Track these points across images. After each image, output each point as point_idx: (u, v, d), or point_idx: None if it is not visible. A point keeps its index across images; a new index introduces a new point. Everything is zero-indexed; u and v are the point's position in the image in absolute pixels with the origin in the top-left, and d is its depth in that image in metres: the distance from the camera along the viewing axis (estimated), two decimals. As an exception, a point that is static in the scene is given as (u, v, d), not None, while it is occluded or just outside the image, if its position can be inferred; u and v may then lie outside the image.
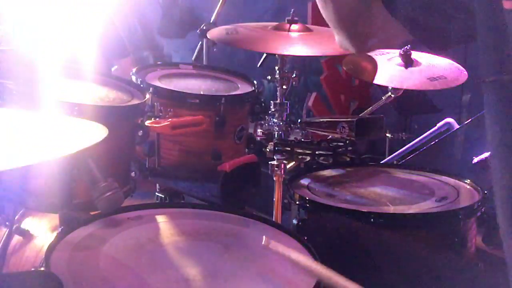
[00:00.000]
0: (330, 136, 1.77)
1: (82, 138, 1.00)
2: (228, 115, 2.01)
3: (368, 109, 2.29)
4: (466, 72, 2.04)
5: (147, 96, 1.73)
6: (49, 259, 1.11)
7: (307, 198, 1.65)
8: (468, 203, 1.62)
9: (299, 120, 1.91)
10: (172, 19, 4.61)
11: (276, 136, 1.83)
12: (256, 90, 2.16)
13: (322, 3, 0.98)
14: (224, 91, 2.14)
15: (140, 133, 1.66)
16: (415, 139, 2.71)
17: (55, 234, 1.24)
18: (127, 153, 1.69)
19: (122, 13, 3.19)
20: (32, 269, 1.14)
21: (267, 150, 1.75)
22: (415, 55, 2.08)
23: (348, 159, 1.74)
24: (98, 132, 1.01)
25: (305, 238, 1.32)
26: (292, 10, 1.82)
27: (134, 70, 2.11)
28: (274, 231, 1.37)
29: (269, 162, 1.76)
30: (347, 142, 1.71)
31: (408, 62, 2.05)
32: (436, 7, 0.89)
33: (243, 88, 2.19)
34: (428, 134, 2.67)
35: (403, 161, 2.64)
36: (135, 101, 1.70)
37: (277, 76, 1.85)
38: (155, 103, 1.77)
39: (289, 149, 1.72)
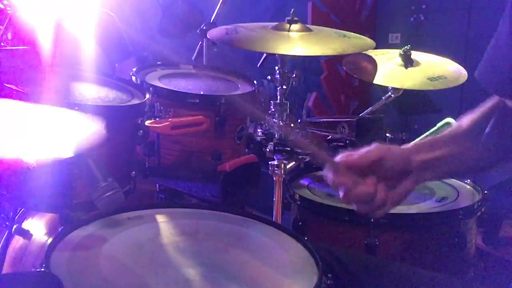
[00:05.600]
0: (330, 136, 1.77)
1: (82, 136, 1.00)
2: (228, 115, 2.01)
3: (368, 109, 2.29)
4: (466, 72, 2.04)
5: (147, 96, 1.73)
6: (49, 259, 1.11)
7: (307, 198, 1.65)
8: (468, 203, 1.62)
9: (299, 120, 1.91)
10: (172, 19, 4.61)
11: (276, 136, 1.83)
12: (256, 90, 2.16)
13: None
14: (224, 91, 2.14)
15: (140, 133, 1.66)
16: (415, 139, 2.71)
17: (55, 234, 1.23)
18: (127, 153, 1.69)
19: (122, 13, 3.18)
20: (32, 269, 1.13)
21: (267, 150, 1.75)
22: (415, 55, 2.08)
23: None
24: (97, 128, 1.01)
25: (305, 238, 1.32)
26: (292, 10, 1.82)
27: (134, 70, 2.11)
28: (274, 231, 1.37)
29: (269, 162, 1.76)
30: (347, 142, 1.71)
31: (408, 62, 2.05)
32: None
33: (243, 88, 2.19)
34: (428, 134, 2.66)
35: (403, 161, 2.63)
36: (135, 101, 1.70)
37: (277, 76, 1.85)
38: (155, 103, 1.77)
39: (289, 149, 1.72)
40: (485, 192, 1.69)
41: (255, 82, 2.22)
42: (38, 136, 0.99)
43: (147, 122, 1.68)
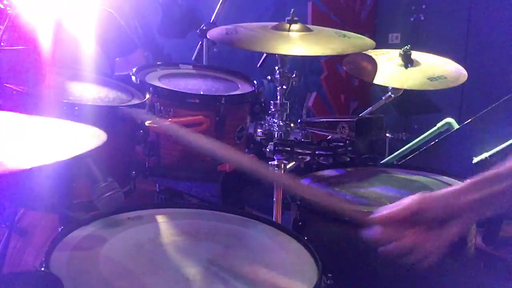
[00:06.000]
0: (330, 136, 1.77)
1: (81, 142, 1.00)
2: (228, 115, 2.01)
3: (368, 109, 2.29)
4: (466, 72, 2.04)
5: (147, 96, 1.73)
6: (49, 259, 1.11)
7: (307, 198, 1.64)
8: (468, 203, 1.62)
9: (299, 120, 1.91)
10: (172, 19, 4.61)
11: (276, 136, 1.83)
12: (256, 90, 2.16)
13: None
14: (224, 91, 2.14)
15: (140, 133, 1.66)
16: (415, 139, 2.71)
17: (55, 234, 1.24)
18: (127, 153, 1.69)
19: (122, 13, 3.18)
20: (32, 269, 1.13)
21: (267, 150, 1.75)
22: (415, 55, 2.08)
23: (348, 159, 1.74)
24: (97, 136, 1.01)
25: (305, 238, 1.32)
26: (292, 10, 1.82)
27: (134, 70, 2.11)
28: (274, 231, 1.37)
29: (269, 162, 1.76)
30: (347, 142, 1.71)
31: (408, 62, 2.05)
32: None
33: (243, 88, 2.19)
34: (428, 134, 2.67)
35: (403, 161, 2.64)
36: (135, 101, 1.71)
37: (277, 76, 1.85)
38: (155, 103, 1.77)
39: (289, 149, 1.72)
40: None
41: (255, 82, 2.22)
42: (38, 137, 0.99)
43: (147, 122, 1.68)
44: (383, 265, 1.42)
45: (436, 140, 2.57)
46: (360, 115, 2.25)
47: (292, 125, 1.86)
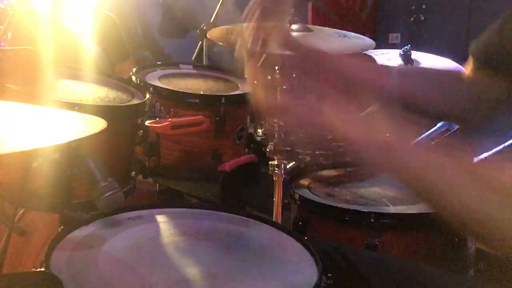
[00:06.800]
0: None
1: (81, 130, 1.00)
2: (228, 115, 2.01)
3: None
4: (466, 72, 2.04)
5: (147, 96, 1.73)
6: (49, 259, 1.11)
7: (307, 198, 1.65)
8: (468, 203, 1.62)
9: (299, 120, 1.90)
10: (172, 19, 4.61)
11: (276, 136, 1.83)
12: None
13: None
14: (224, 91, 2.14)
15: (140, 133, 1.66)
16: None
17: (55, 234, 1.23)
18: (127, 153, 1.69)
19: (122, 13, 3.18)
20: (32, 269, 1.13)
21: (267, 150, 1.75)
22: (415, 55, 2.08)
23: (348, 159, 1.74)
24: (97, 125, 1.01)
25: (305, 238, 1.32)
26: (292, 10, 1.82)
27: (134, 70, 2.11)
28: (274, 231, 1.37)
29: (269, 162, 1.76)
30: (347, 142, 1.71)
31: (408, 62, 2.06)
32: None
33: (243, 88, 2.19)
34: (428, 134, 2.66)
35: (403, 161, 2.63)
36: (135, 101, 1.70)
37: (277, 76, 1.85)
38: (155, 103, 1.77)
39: (289, 149, 1.72)
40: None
41: (255, 82, 2.22)
42: (37, 136, 0.99)
43: (147, 122, 1.68)
44: (383, 265, 1.43)
45: (436, 140, 2.57)
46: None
47: (292, 125, 1.86)
